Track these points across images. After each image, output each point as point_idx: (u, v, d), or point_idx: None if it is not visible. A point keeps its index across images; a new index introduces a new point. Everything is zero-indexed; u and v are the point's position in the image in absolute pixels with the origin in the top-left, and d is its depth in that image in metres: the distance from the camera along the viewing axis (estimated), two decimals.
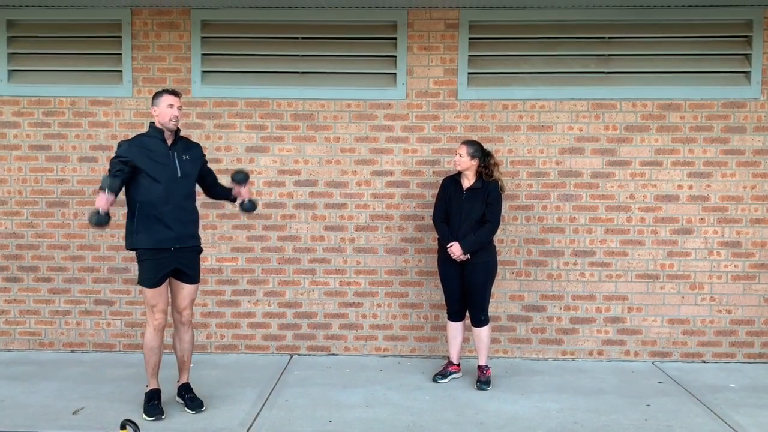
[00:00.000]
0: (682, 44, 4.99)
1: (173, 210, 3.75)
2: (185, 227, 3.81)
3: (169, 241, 3.75)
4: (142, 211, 3.72)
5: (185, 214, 3.81)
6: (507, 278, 5.09)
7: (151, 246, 3.73)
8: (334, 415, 3.93)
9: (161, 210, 3.72)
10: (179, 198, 3.78)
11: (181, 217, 3.78)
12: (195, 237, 3.92)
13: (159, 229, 3.72)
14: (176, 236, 3.77)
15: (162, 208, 3.72)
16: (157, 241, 3.73)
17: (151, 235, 3.72)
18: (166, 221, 3.73)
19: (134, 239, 3.76)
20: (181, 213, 3.78)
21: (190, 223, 3.87)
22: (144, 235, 3.73)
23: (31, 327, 5.18)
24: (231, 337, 5.17)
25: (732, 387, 4.51)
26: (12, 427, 3.66)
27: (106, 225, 3.58)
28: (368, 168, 5.10)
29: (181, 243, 3.80)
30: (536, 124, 5.04)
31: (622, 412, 4.02)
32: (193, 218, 3.90)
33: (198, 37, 5.01)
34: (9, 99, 5.10)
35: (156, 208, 3.72)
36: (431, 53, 5.02)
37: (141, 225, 3.72)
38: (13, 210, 5.13)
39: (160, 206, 3.72)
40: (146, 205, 3.72)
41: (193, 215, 3.90)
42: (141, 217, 3.72)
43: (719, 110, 5.00)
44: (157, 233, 3.72)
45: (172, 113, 3.76)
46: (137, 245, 3.75)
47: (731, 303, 5.07)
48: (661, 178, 5.04)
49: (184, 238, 3.81)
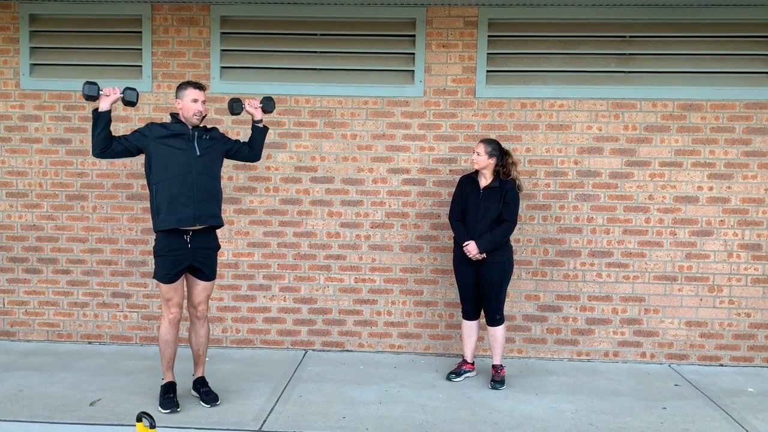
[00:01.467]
0: (703, 44, 4.92)
1: (191, 189, 3.74)
2: (204, 206, 3.80)
3: (189, 220, 3.74)
4: (160, 192, 3.73)
5: (204, 194, 3.79)
6: (523, 278, 5.06)
7: (174, 226, 3.73)
8: (348, 411, 3.94)
9: (179, 189, 3.72)
10: (197, 177, 3.77)
11: (199, 196, 3.77)
12: (215, 216, 3.88)
13: (178, 208, 3.72)
14: (195, 215, 3.76)
15: (179, 187, 3.72)
16: (177, 220, 3.73)
17: (172, 215, 3.72)
18: (185, 200, 3.73)
19: (157, 221, 3.77)
20: (199, 192, 3.77)
21: (209, 201, 3.83)
22: (165, 216, 3.73)
23: (50, 318, 5.25)
24: (246, 331, 5.20)
25: (750, 391, 4.46)
26: (30, 417, 3.72)
27: (96, 98, 3.69)
28: (385, 165, 5.09)
29: (201, 222, 3.79)
30: (555, 123, 5.01)
31: (637, 414, 3.99)
32: (213, 197, 3.86)
33: (217, 32, 5.03)
34: (31, 93, 5.16)
35: (173, 189, 3.72)
36: (450, 51, 5.01)
37: (161, 206, 3.73)
38: (34, 202, 5.20)
39: (177, 186, 3.72)
40: (163, 185, 3.73)
41: (213, 194, 3.86)
42: (160, 198, 3.73)
43: (741, 111, 4.94)
44: (177, 213, 3.72)
45: (197, 108, 3.79)
46: (160, 227, 3.76)
47: (750, 306, 5.00)
48: (681, 179, 4.98)
49: (203, 217, 3.80)
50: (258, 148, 4.14)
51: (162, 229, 3.78)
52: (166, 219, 3.74)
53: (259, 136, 4.11)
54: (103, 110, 3.66)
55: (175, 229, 3.76)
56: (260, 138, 4.12)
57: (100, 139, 3.68)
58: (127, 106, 3.83)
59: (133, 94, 3.77)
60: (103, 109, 3.66)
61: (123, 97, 3.75)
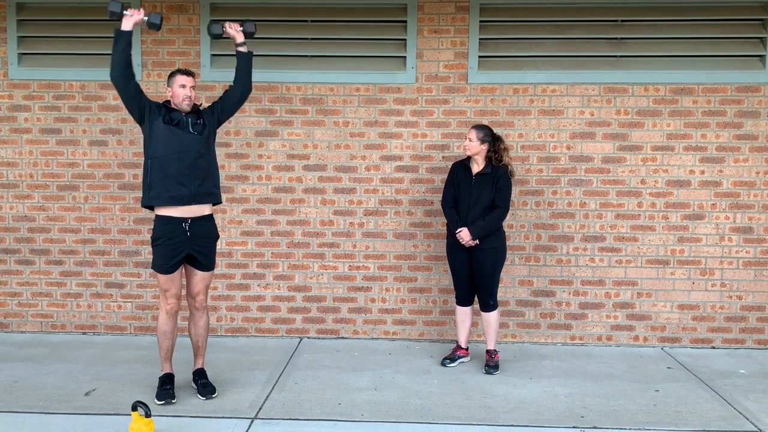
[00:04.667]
0: (695, 27, 4.92)
1: (188, 167, 3.70)
2: (201, 184, 3.75)
3: (184, 198, 3.70)
4: (155, 168, 3.68)
5: (200, 171, 3.74)
6: (516, 263, 5.08)
7: (165, 204, 3.68)
8: (343, 397, 3.95)
9: (175, 167, 3.67)
10: (194, 156, 3.72)
11: (195, 174, 3.72)
12: (213, 194, 3.85)
13: (173, 185, 3.67)
14: (192, 194, 3.72)
15: (176, 165, 3.67)
16: (171, 198, 3.68)
17: (166, 191, 3.67)
18: (181, 178, 3.69)
19: (148, 196, 3.72)
20: (195, 170, 3.72)
21: (206, 179, 3.79)
22: (157, 192, 3.68)
23: (44, 309, 5.23)
24: (241, 320, 5.20)
25: (742, 373, 4.50)
26: (25, 408, 3.72)
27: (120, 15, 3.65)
28: (377, 153, 5.08)
29: (197, 200, 3.74)
30: (547, 108, 5.00)
31: (630, 397, 4.02)
32: (210, 174, 3.81)
33: (207, 20, 4.97)
34: (19, 82, 5.11)
35: (170, 166, 3.67)
36: (441, 36, 4.99)
37: (154, 182, 3.68)
38: (25, 193, 5.17)
39: (174, 163, 3.67)
40: (159, 161, 3.68)
41: (209, 171, 3.81)
42: (154, 173, 3.68)
43: (733, 94, 4.94)
44: (171, 190, 3.67)
45: (185, 93, 3.75)
46: (150, 203, 3.72)
47: (742, 289, 5.04)
48: (673, 163, 5.00)
49: (200, 195, 3.75)
50: (245, 76, 3.97)
51: (149, 205, 3.73)
52: (158, 195, 3.69)
53: (244, 61, 3.97)
54: (125, 29, 3.63)
55: (174, 217, 3.71)
56: (245, 64, 3.97)
57: (121, 58, 3.64)
58: (150, 29, 3.78)
59: (157, 16, 3.72)
60: (126, 28, 3.64)
61: (147, 20, 3.71)
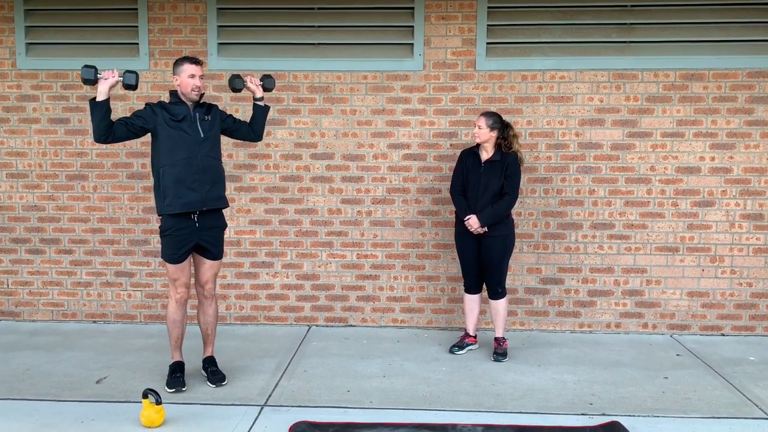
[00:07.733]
0: (705, 12, 4.86)
1: (197, 172, 3.74)
2: (211, 189, 3.80)
3: (196, 203, 3.75)
4: (166, 176, 3.72)
5: (210, 176, 3.79)
6: (524, 251, 5.07)
7: (179, 210, 3.72)
8: (352, 385, 3.97)
9: (185, 173, 3.71)
10: (203, 160, 3.76)
11: (205, 179, 3.77)
12: (221, 198, 3.90)
13: (184, 192, 3.71)
14: (202, 198, 3.76)
15: (186, 170, 3.71)
16: (183, 204, 3.72)
17: (178, 198, 3.71)
18: (191, 184, 3.72)
19: (162, 205, 3.76)
20: (205, 175, 3.77)
21: (216, 184, 3.84)
22: (171, 200, 3.72)
23: (54, 298, 5.27)
24: (250, 308, 5.22)
25: (751, 360, 4.49)
26: (37, 396, 3.75)
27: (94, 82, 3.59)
28: (385, 141, 5.07)
29: (208, 205, 3.80)
30: (556, 95, 4.97)
31: (639, 384, 4.02)
32: (218, 179, 3.87)
33: (214, 8, 4.97)
34: (27, 72, 5.12)
35: (180, 172, 3.70)
36: (449, 23, 4.95)
37: (167, 190, 3.72)
38: (34, 183, 5.19)
39: (183, 169, 3.71)
40: (169, 168, 3.71)
41: (218, 177, 3.86)
42: (166, 181, 3.72)
43: (744, 80, 4.89)
44: (184, 196, 3.72)
45: (194, 83, 3.75)
46: (165, 211, 3.75)
47: (752, 276, 5.01)
48: (683, 149, 4.96)
49: (210, 200, 3.80)
50: (259, 128, 4.07)
51: (168, 213, 3.78)
52: (172, 203, 3.73)
53: (261, 115, 4.05)
54: (100, 99, 3.57)
55: (183, 212, 3.76)
56: (261, 117, 4.06)
57: (100, 128, 3.61)
58: (126, 89, 3.76)
59: (132, 77, 3.65)
60: (101, 97, 3.57)
61: (122, 81, 3.66)
